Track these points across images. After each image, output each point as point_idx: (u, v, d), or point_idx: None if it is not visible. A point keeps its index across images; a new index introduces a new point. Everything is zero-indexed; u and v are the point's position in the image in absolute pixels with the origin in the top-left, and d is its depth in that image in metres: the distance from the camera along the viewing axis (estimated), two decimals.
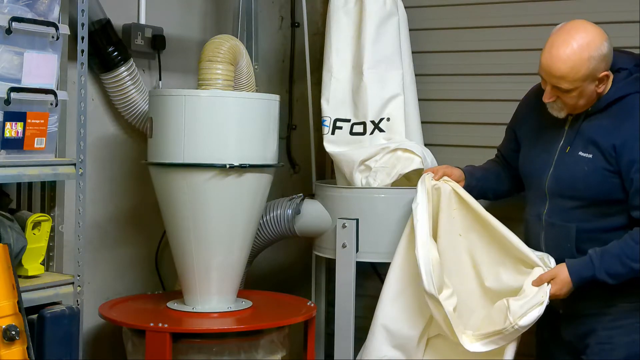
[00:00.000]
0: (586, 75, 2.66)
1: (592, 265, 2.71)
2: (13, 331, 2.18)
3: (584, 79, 2.66)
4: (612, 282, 2.70)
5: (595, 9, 3.30)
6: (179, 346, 2.80)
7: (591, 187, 2.75)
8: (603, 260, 2.70)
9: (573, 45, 2.65)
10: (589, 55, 2.64)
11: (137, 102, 3.14)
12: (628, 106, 2.72)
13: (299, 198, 3.36)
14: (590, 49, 2.65)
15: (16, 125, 2.45)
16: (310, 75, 3.69)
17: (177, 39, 3.41)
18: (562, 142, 2.83)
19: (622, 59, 2.78)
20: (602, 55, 2.66)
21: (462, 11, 3.64)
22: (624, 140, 2.69)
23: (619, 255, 2.68)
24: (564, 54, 2.65)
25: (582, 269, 2.73)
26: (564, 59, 2.65)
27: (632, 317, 2.74)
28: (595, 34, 2.68)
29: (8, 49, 2.41)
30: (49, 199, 2.77)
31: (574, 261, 2.75)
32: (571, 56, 2.65)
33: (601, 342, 2.77)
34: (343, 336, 3.22)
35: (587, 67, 2.64)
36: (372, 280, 3.80)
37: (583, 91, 2.69)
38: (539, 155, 2.90)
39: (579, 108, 2.77)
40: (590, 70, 2.65)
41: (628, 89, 2.73)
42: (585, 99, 2.73)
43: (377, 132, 3.34)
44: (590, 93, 2.71)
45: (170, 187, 2.91)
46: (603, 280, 2.70)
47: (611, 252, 2.70)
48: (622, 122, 2.72)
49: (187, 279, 3.00)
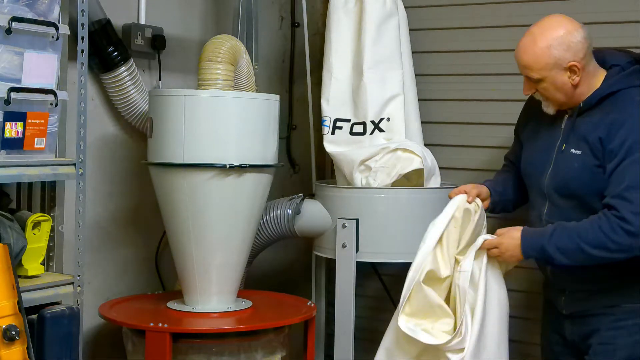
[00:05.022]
0: (549, 63, 2.69)
1: (545, 234, 2.70)
2: (13, 331, 2.18)
3: (549, 67, 2.70)
4: (560, 258, 2.67)
5: (595, 9, 3.30)
6: (179, 346, 2.80)
7: (583, 185, 2.74)
8: (555, 232, 2.69)
9: (535, 35, 2.73)
10: (548, 43, 2.69)
11: (137, 102, 3.14)
12: (618, 101, 2.72)
13: (299, 198, 3.36)
14: (550, 38, 2.70)
15: (16, 125, 2.45)
16: (310, 75, 3.69)
17: (177, 39, 3.41)
18: (559, 141, 2.83)
19: (616, 56, 2.80)
20: (566, 44, 2.69)
21: (462, 11, 3.64)
22: (608, 131, 2.69)
23: (572, 232, 2.67)
24: (525, 43, 2.74)
25: (535, 234, 2.74)
26: (525, 48, 2.74)
27: (635, 317, 2.73)
28: (561, 24, 2.72)
29: (8, 49, 2.41)
30: (49, 199, 2.77)
31: (534, 228, 2.77)
32: (531, 45, 2.72)
33: (603, 342, 2.76)
34: (343, 336, 3.22)
35: (548, 55, 2.69)
36: (372, 280, 3.81)
37: (554, 82, 2.72)
38: (538, 156, 2.90)
39: (564, 102, 2.78)
40: (553, 58, 2.69)
41: (620, 84, 2.73)
42: (563, 93, 2.75)
43: (377, 132, 3.34)
44: (562, 84, 2.73)
45: (170, 187, 2.91)
46: (550, 253, 2.68)
47: (567, 227, 2.69)
48: (608, 116, 2.71)
49: (187, 279, 3.00)
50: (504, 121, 3.44)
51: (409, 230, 3.21)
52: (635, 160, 2.61)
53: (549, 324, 3.01)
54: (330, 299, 3.46)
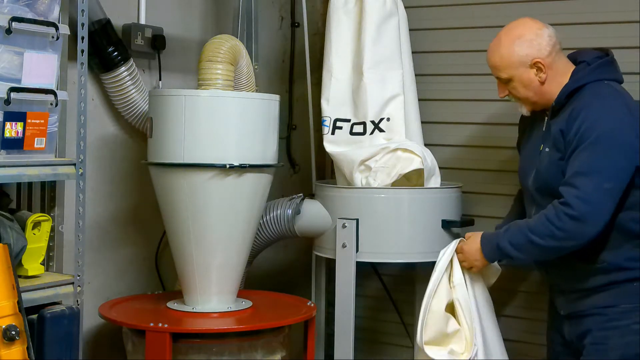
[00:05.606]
0: (514, 62, 2.80)
1: (500, 233, 2.81)
2: (13, 331, 2.18)
3: (514, 66, 2.80)
4: (515, 254, 2.76)
5: (595, 9, 3.30)
6: (179, 346, 2.80)
7: (555, 180, 2.77)
8: (509, 230, 2.79)
9: (500, 37, 2.86)
10: (512, 42, 2.81)
11: (137, 102, 3.14)
12: (582, 95, 2.77)
13: (299, 198, 3.36)
14: (513, 36, 2.82)
15: (16, 125, 2.45)
16: (310, 75, 3.68)
17: (177, 39, 3.41)
18: (541, 143, 2.88)
19: (585, 54, 2.87)
20: (529, 42, 2.79)
21: (462, 11, 3.64)
22: (567, 123, 2.74)
23: (522, 226, 2.75)
24: (492, 45, 2.88)
25: (492, 235, 2.85)
26: (492, 49, 2.87)
27: (628, 318, 2.74)
28: (525, 25, 2.84)
29: (8, 49, 2.41)
30: (49, 199, 2.77)
31: (495, 231, 2.89)
32: (497, 46, 2.85)
33: (596, 342, 2.77)
34: (343, 336, 3.22)
35: (512, 53, 2.80)
36: (372, 280, 3.81)
37: (521, 80, 2.81)
38: (526, 161, 2.96)
39: (535, 102, 2.85)
40: (517, 56, 2.79)
41: (586, 78, 2.79)
42: (532, 91, 2.82)
43: (377, 132, 3.34)
44: (529, 82, 2.81)
45: (170, 187, 2.91)
46: (505, 250, 2.77)
47: (519, 223, 2.78)
48: (571, 109, 2.76)
49: (187, 279, 3.00)
50: (504, 121, 3.45)
51: (409, 230, 3.22)
52: (586, 147, 2.66)
53: (552, 323, 3.02)
54: (330, 299, 3.46)
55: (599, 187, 2.62)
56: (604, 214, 2.63)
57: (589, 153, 2.65)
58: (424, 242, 3.22)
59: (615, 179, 2.64)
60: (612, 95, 2.75)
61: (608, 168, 2.64)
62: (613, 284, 2.75)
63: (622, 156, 2.65)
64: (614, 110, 2.71)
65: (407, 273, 3.70)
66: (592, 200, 2.62)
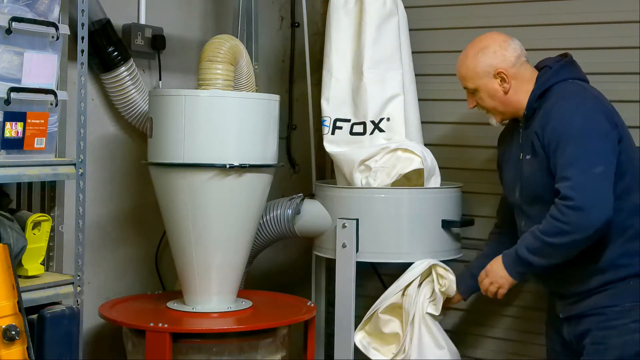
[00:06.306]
0: (479, 72, 2.91)
1: (517, 244, 2.83)
2: (13, 331, 2.18)
3: (479, 76, 2.91)
4: (535, 260, 2.76)
5: (595, 9, 3.30)
6: (179, 346, 2.80)
7: (537, 185, 2.81)
8: (525, 238, 2.80)
9: (467, 49, 2.98)
10: (475, 52, 2.92)
11: (137, 102, 3.14)
12: (549, 96, 2.84)
13: (299, 198, 3.36)
14: (478, 48, 2.93)
15: (16, 125, 2.45)
16: (310, 75, 3.68)
17: (177, 39, 3.41)
18: (520, 152, 2.91)
19: (546, 60, 2.95)
20: (493, 52, 2.89)
21: (462, 11, 3.64)
22: (540, 125, 2.80)
23: (534, 231, 2.76)
24: (460, 57, 2.99)
25: (511, 249, 2.86)
26: (460, 61, 2.99)
27: (626, 317, 2.74)
28: (490, 37, 2.95)
29: (8, 49, 2.41)
30: (49, 199, 2.77)
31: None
32: (464, 57, 2.97)
33: (596, 342, 2.77)
34: (343, 336, 3.22)
35: (476, 63, 2.91)
36: (372, 280, 3.80)
37: (487, 90, 2.91)
38: (510, 174, 3.00)
39: (503, 111, 2.94)
40: (481, 66, 2.90)
41: (550, 81, 2.85)
42: (497, 100, 2.91)
43: (377, 132, 3.34)
44: (494, 92, 2.90)
45: (170, 187, 2.91)
46: (525, 258, 2.78)
47: (532, 230, 2.78)
48: (541, 111, 2.83)
49: (187, 279, 3.00)
50: None
51: (409, 230, 3.22)
52: (567, 142, 2.70)
53: (551, 324, 3.02)
54: (330, 299, 3.46)
55: (589, 173, 2.66)
56: (603, 198, 2.65)
57: (572, 147, 2.70)
58: (424, 242, 3.22)
59: (603, 162, 2.68)
60: (579, 91, 2.83)
61: (593, 154, 2.69)
62: (609, 284, 2.76)
63: (604, 141, 2.71)
64: (585, 104, 2.77)
65: None
66: (586, 187, 2.65)
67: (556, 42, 3.21)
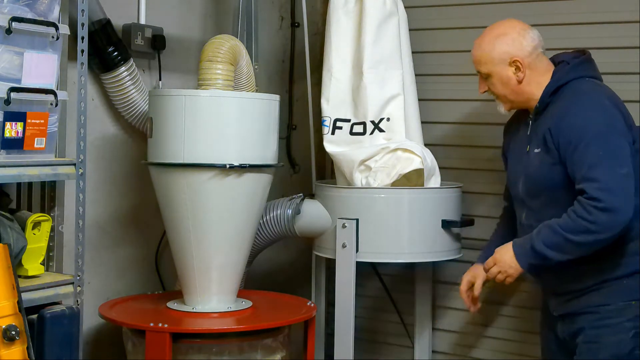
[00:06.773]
0: (494, 58, 2.86)
1: (532, 236, 2.78)
2: (13, 331, 2.18)
3: (494, 62, 2.87)
4: (552, 255, 2.73)
5: (595, 9, 3.30)
6: (179, 346, 2.80)
7: (545, 179, 2.80)
8: (541, 231, 2.76)
9: (485, 33, 2.94)
10: (493, 38, 2.89)
11: (137, 102, 3.14)
12: (564, 93, 2.81)
13: (299, 198, 3.36)
14: (496, 33, 2.89)
15: (16, 125, 2.45)
16: (310, 75, 3.68)
17: (177, 39, 3.41)
18: (526, 145, 2.89)
19: (563, 55, 2.91)
20: (511, 40, 2.85)
21: (462, 11, 3.64)
22: (555, 122, 2.77)
23: (554, 226, 2.73)
24: (477, 41, 2.95)
25: (523, 240, 2.81)
26: (476, 44, 2.95)
27: (620, 316, 2.74)
28: (509, 24, 2.91)
29: (8, 49, 2.41)
30: (49, 199, 2.77)
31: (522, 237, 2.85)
32: (480, 41, 2.93)
33: (589, 341, 2.77)
34: (343, 336, 3.22)
35: (492, 49, 2.87)
36: (372, 280, 3.80)
37: (500, 77, 2.87)
38: (514, 165, 2.98)
39: (513, 100, 2.90)
40: (497, 52, 2.86)
41: (567, 77, 2.82)
42: (509, 89, 2.88)
43: (377, 132, 3.34)
44: (507, 79, 2.86)
45: (170, 187, 2.91)
46: (542, 252, 2.73)
47: (549, 224, 2.75)
48: (556, 108, 2.80)
49: (187, 279, 3.00)
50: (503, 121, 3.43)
51: (409, 230, 3.22)
52: (589, 143, 2.68)
53: (545, 322, 3.02)
54: (330, 299, 3.46)
55: (616, 174, 2.65)
56: (629, 199, 2.65)
57: (595, 147, 2.68)
58: (424, 242, 3.22)
59: (626, 164, 2.68)
60: (595, 90, 2.80)
61: (617, 155, 2.68)
62: (604, 283, 2.76)
63: (624, 142, 2.70)
64: (604, 103, 2.75)
65: (407, 273, 3.70)
66: (615, 188, 2.64)
67: (556, 42, 3.20)
